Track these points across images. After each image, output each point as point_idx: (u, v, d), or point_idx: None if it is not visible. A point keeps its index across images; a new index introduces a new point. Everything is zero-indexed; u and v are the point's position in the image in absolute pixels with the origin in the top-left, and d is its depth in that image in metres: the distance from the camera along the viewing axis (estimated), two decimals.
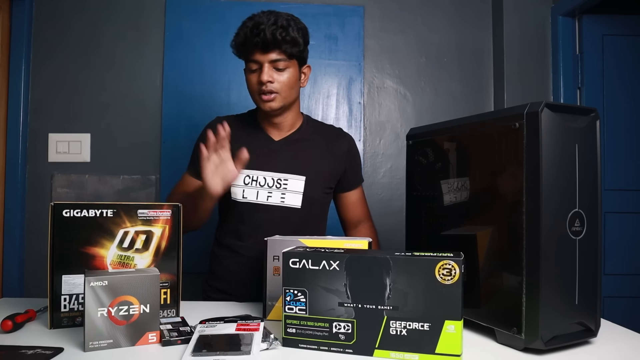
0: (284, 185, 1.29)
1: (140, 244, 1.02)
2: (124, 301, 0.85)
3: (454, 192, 1.04)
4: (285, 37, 1.19)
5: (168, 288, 1.04)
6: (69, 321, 0.98)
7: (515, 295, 0.84)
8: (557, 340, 0.84)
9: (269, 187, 1.29)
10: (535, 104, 0.83)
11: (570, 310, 0.85)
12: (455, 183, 1.03)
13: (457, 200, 1.03)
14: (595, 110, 0.90)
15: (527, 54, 2.16)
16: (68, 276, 0.97)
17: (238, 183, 1.28)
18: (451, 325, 0.77)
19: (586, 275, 0.87)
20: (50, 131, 2.11)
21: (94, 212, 0.99)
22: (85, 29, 2.13)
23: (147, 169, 2.14)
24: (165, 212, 1.04)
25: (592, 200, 0.88)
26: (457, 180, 1.03)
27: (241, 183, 1.28)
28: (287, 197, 1.29)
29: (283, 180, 1.30)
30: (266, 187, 1.29)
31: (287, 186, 1.29)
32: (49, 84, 2.12)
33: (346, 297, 0.83)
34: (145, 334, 0.87)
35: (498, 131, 0.91)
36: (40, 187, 2.09)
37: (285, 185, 1.29)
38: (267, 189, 1.29)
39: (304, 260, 0.85)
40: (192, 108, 2.13)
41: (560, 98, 2.10)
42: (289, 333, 0.86)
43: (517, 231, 0.85)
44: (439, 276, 0.78)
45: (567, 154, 0.85)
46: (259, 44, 1.19)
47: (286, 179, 1.30)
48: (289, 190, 1.29)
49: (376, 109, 2.26)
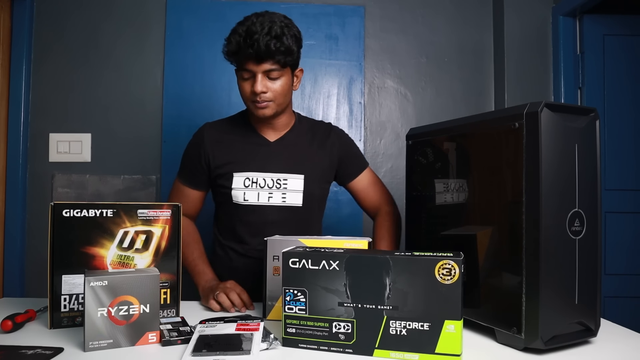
0: (284, 185, 1.30)
1: (140, 244, 1.02)
2: (124, 301, 0.85)
3: (454, 192, 1.04)
4: (280, 48, 1.16)
5: (168, 288, 1.05)
6: (69, 321, 0.98)
7: (515, 295, 0.84)
8: (557, 340, 0.83)
9: (269, 188, 1.29)
10: (535, 104, 0.83)
11: (570, 310, 0.85)
12: (455, 183, 1.03)
13: (456, 200, 1.03)
14: (595, 110, 0.90)
15: (527, 54, 2.16)
16: (68, 276, 0.98)
17: (238, 186, 1.28)
18: (451, 325, 0.77)
19: (586, 275, 0.87)
20: (50, 131, 2.11)
21: (94, 212, 0.99)
22: (86, 29, 2.13)
23: (147, 168, 2.14)
24: (165, 212, 1.04)
25: (592, 200, 0.88)
26: (456, 180, 1.03)
27: (242, 186, 1.29)
28: (288, 196, 1.30)
29: (283, 181, 1.30)
30: (266, 188, 1.29)
31: (287, 186, 1.30)
32: (49, 84, 2.12)
33: (346, 297, 0.83)
34: (145, 333, 0.87)
35: (498, 131, 0.91)
36: (40, 187, 2.09)
37: (285, 184, 1.30)
38: (267, 189, 1.29)
39: (303, 260, 0.85)
40: (192, 108, 2.13)
41: (561, 98, 2.10)
42: (289, 333, 0.86)
43: (516, 231, 0.85)
44: (439, 276, 0.78)
45: (566, 153, 0.85)
46: (252, 55, 1.16)
47: (285, 178, 1.30)
48: (289, 189, 1.30)
49: (377, 108, 2.26)
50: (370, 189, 1.42)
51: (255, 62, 1.18)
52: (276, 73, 1.20)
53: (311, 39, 2.20)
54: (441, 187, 1.07)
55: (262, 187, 1.29)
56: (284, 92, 1.24)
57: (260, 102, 1.22)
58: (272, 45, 1.15)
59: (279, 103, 1.25)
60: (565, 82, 2.11)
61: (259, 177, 1.29)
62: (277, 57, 1.17)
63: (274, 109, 1.25)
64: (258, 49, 1.14)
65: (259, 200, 1.29)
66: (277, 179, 1.30)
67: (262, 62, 1.17)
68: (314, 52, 2.22)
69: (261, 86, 1.19)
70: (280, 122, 1.34)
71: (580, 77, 2.11)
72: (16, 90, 2.07)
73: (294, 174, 1.31)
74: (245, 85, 1.23)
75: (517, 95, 2.14)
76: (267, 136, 1.34)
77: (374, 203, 1.42)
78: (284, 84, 1.23)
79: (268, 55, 1.16)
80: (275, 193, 1.29)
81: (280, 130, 1.35)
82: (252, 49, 1.15)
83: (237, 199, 1.29)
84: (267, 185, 1.29)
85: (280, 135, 1.35)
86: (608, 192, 2.05)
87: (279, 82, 1.22)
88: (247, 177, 1.29)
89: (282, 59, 1.18)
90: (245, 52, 1.16)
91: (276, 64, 1.19)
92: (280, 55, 1.17)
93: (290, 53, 1.20)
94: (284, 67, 1.21)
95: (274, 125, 1.33)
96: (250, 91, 1.21)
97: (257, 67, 1.18)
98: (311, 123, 1.43)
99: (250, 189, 1.29)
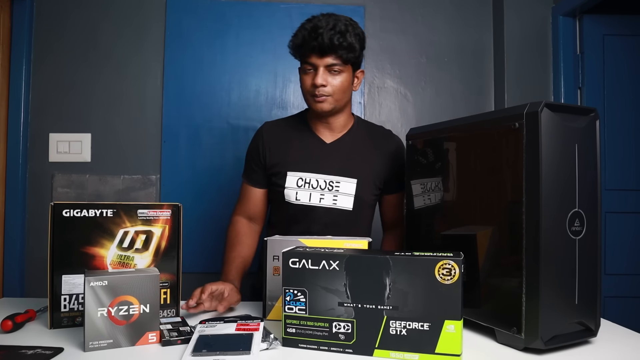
0: (336, 188, 1.31)
1: (140, 244, 1.02)
2: (124, 301, 0.85)
3: (454, 192, 1.04)
4: (342, 43, 1.21)
5: (168, 288, 1.05)
6: (69, 321, 0.98)
7: (515, 295, 0.84)
8: (557, 340, 0.84)
9: (321, 190, 1.31)
10: (535, 104, 0.83)
11: (570, 310, 0.85)
12: (454, 183, 1.03)
13: (456, 200, 1.03)
14: (595, 110, 0.90)
15: (527, 54, 2.16)
16: (68, 276, 0.98)
17: (291, 185, 1.30)
18: (451, 325, 0.77)
19: (586, 275, 0.87)
20: (50, 131, 2.10)
21: (94, 212, 0.99)
22: (85, 29, 2.13)
23: (147, 168, 2.13)
24: (165, 212, 1.04)
25: (592, 200, 0.88)
26: (456, 181, 1.03)
27: (294, 185, 1.30)
28: (339, 199, 1.31)
29: (335, 183, 1.31)
30: (318, 189, 1.30)
31: (339, 188, 1.31)
32: (49, 83, 2.12)
33: (346, 297, 0.83)
34: (145, 333, 0.87)
35: (498, 131, 0.91)
36: (40, 187, 2.09)
37: (337, 187, 1.31)
38: (319, 191, 1.30)
39: (303, 260, 0.85)
40: (192, 108, 2.13)
41: (561, 98, 2.10)
42: (289, 333, 0.86)
43: (516, 231, 0.85)
44: (439, 276, 0.78)
45: (566, 153, 0.85)
46: (316, 48, 1.21)
47: (338, 181, 1.31)
48: (341, 192, 1.31)
49: (376, 109, 2.26)
50: (397, 209, 1.44)
51: (318, 55, 1.22)
52: (337, 68, 1.24)
53: None
54: (441, 187, 1.07)
55: (315, 187, 1.31)
56: (343, 88, 1.27)
57: (319, 96, 1.25)
58: (335, 39, 1.20)
59: (337, 99, 1.27)
60: (565, 82, 2.11)
61: (311, 178, 1.31)
62: (339, 52, 1.22)
63: (332, 104, 1.27)
64: (322, 42, 1.20)
65: (311, 201, 1.30)
66: (329, 181, 1.31)
67: (324, 56, 1.22)
68: None
69: (321, 79, 1.23)
70: (338, 123, 1.35)
71: (580, 77, 2.11)
72: (16, 90, 2.07)
73: (347, 177, 1.32)
74: (307, 78, 1.26)
75: (517, 95, 2.14)
76: (323, 137, 1.36)
77: (393, 221, 1.46)
78: (344, 81, 1.26)
79: (331, 49, 1.21)
80: (327, 195, 1.31)
81: (337, 132, 1.36)
82: (316, 41, 1.20)
83: (289, 199, 1.31)
84: (319, 186, 1.31)
85: (337, 137, 1.36)
86: (608, 192, 2.05)
87: (339, 77, 1.25)
88: (301, 177, 1.31)
89: (345, 55, 1.23)
90: (310, 44, 1.21)
91: (338, 59, 1.23)
92: (343, 50, 1.22)
93: (353, 50, 1.24)
94: (346, 63, 1.25)
95: (331, 125, 1.35)
96: (310, 84, 1.25)
97: (319, 60, 1.23)
98: (370, 127, 1.44)
99: (302, 189, 1.30)
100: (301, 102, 2.20)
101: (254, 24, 2.17)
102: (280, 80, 2.18)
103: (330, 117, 1.33)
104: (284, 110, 2.16)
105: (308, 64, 1.25)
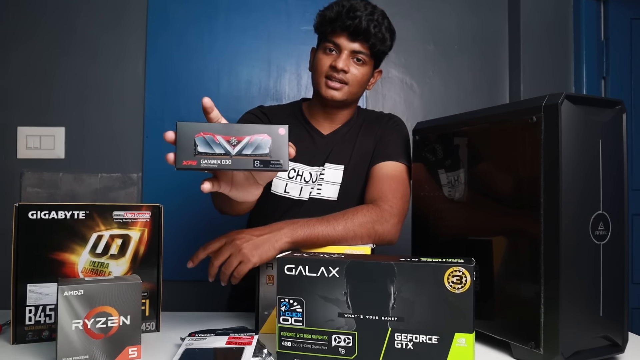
0: (320, 177, 1.32)
1: (115, 250, 1.02)
2: (102, 312, 0.85)
3: (465, 192, 1.04)
4: (377, 33, 1.23)
5: (147, 298, 1.04)
6: (34, 335, 0.97)
7: (533, 306, 0.84)
8: (579, 356, 0.84)
9: (312, 183, 1.32)
10: (555, 96, 0.83)
11: (593, 323, 0.85)
12: (465, 182, 1.03)
13: (467, 201, 1.03)
14: (622, 102, 0.90)
15: (546, 41, 2.16)
16: (34, 285, 0.96)
17: (282, 175, 1.31)
18: (462, 338, 0.77)
19: (611, 284, 0.87)
20: (19, 124, 2.10)
21: (64, 213, 0.98)
22: (59, 12, 2.12)
23: (127, 166, 2.13)
24: (144, 214, 1.04)
25: (618, 202, 0.88)
26: (467, 180, 1.03)
27: (285, 176, 1.31)
28: (324, 188, 1.32)
29: (321, 171, 1.32)
30: (310, 182, 1.32)
31: (323, 176, 1.32)
32: (18, 72, 2.11)
33: (347, 307, 0.83)
34: (126, 348, 0.86)
35: (513, 125, 0.91)
36: (7, 186, 2.09)
37: (322, 175, 1.32)
38: (310, 184, 1.32)
39: (300, 266, 0.85)
40: (177, 99, 2.13)
41: (583, 89, 2.10)
42: (284, 347, 0.86)
43: (534, 235, 0.85)
44: (449, 284, 0.78)
45: (589, 150, 0.85)
46: (350, 28, 1.22)
47: (324, 169, 1.32)
48: (325, 180, 1.32)
49: (380, 101, 2.26)
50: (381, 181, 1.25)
51: (348, 38, 1.24)
52: (362, 57, 1.25)
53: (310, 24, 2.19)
54: (451, 186, 1.07)
55: (307, 181, 1.32)
56: (360, 82, 1.28)
57: (334, 81, 1.25)
58: (372, 26, 1.22)
59: (352, 91, 1.28)
60: (588, 72, 2.11)
61: (304, 170, 1.32)
62: (371, 40, 1.23)
63: (345, 95, 1.28)
64: (358, 24, 1.21)
65: (300, 195, 1.31)
66: (318, 172, 1.32)
67: (355, 40, 1.24)
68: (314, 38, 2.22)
69: (344, 64, 1.24)
70: (341, 117, 1.37)
71: (604, 65, 2.11)
72: None
73: (334, 164, 1.33)
74: (326, 58, 1.26)
75: (534, 86, 2.14)
76: (321, 129, 1.37)
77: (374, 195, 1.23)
78: (364, 74, 1.28)
79: (365, 35, 1.22)
80: (314, 186, 1.32)
81: (336, 124, 1.38)
82: (352, 21, 1.21)
83: (276, 189, 1.31)
84: (311, 180, 1.32)
85: (334, 129, 1.38)
86: (635, 192, 2.05)
87: (361, 68, 1.27)
88: (293, 168, 1.32)
89: (376, 45, 1.24)
90: (345, 22, 1.22)
91: (366, 48, 1.25)
92: (376, 39, 1.24)
93: (383, 42, 1.26)
94: (372, 56, 1.27)
95: (333, 118, 1.36)
96: (329, 65, 1.25)
97: (348, 43, 1.24)
98: (368, 115, 1.44)
99: (293, 181, 1.31)
100: (297, 94, 2.20)
101: (246, 8, 2.17)
102: (274, 69, 2.18)
103: (335, 109, 1.34)
104: (278, 102, 2.16)
105: (333, 43, 1.25)
